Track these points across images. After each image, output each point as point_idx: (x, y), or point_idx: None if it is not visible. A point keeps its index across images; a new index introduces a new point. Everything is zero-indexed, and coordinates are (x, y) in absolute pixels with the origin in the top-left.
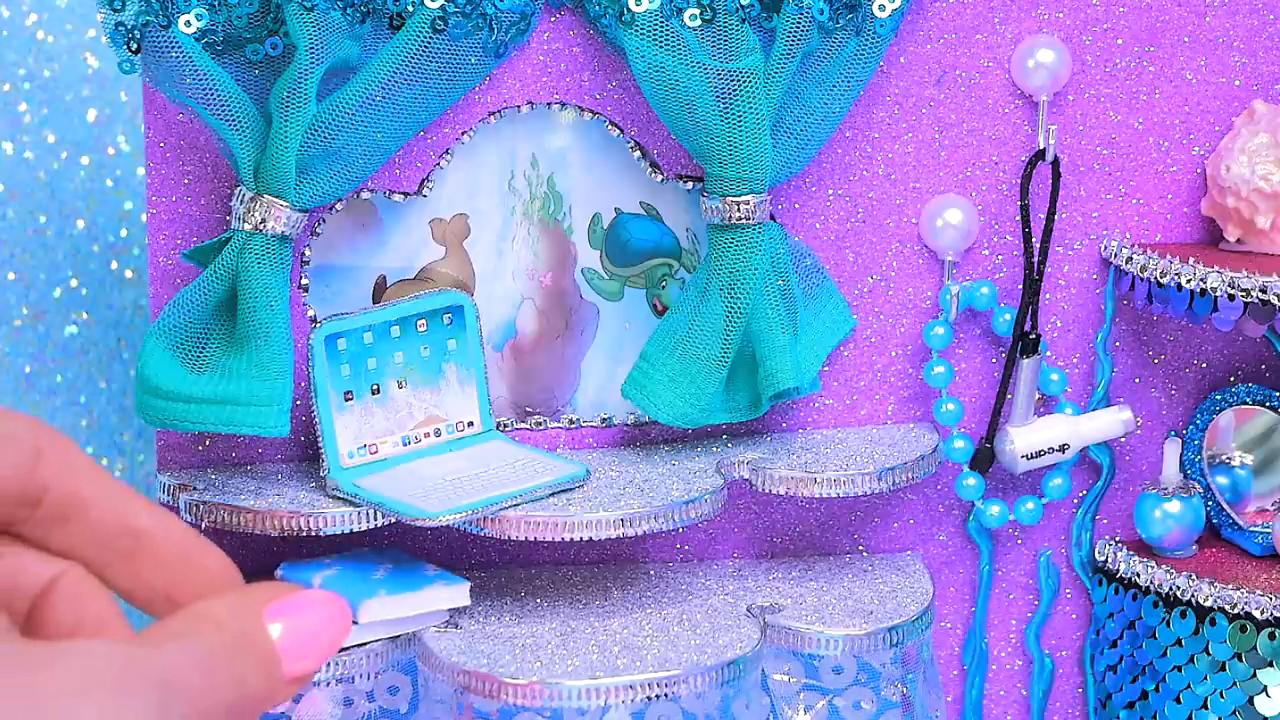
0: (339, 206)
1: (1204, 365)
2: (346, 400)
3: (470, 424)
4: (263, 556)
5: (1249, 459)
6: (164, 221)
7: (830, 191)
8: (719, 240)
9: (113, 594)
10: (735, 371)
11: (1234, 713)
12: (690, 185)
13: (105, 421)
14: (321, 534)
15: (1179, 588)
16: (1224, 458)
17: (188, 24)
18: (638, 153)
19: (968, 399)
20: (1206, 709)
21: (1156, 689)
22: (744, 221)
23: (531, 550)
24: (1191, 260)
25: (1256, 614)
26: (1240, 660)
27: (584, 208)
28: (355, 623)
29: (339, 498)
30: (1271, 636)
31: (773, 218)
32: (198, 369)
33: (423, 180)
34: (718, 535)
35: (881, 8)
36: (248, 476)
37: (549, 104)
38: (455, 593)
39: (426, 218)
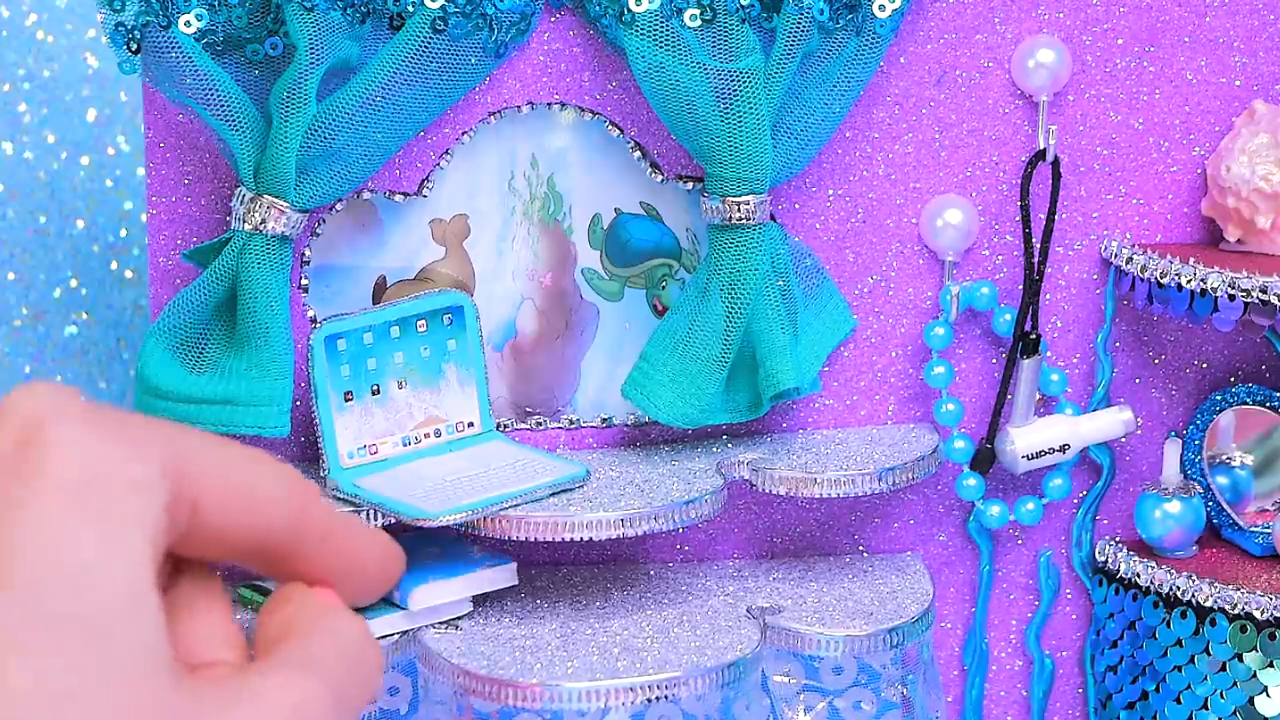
0: (339, 206)
1: (1204, 365)
2: (346, 401)
3: (470, 424)
4: None
5: (1249, 459)
6: (164, 221)
7: (830, 191)
8: (719, 240)
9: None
10: (735, 372)
11: (1234, 713)
12: (690, 185)
13: None
14: None
15: (1179, 588)
16: (1224, 458)
17: (188, 24)
18: (638, 153)
19: (968, 399)
20: (1207, 709)
21: (1157, 689)
22: (744, 222)
23: (531, 550)
24: (1192, 260)
25: (1257, 614)
26: (1240, 660)
27: (584, 208)
28: (405, 608)
29: (339, 498)
30: (1272, 636)
31: (773, 218)
32: (198, 369)
33: (423, 180)
34: (718, 536)
35: (881, 8)
36: None
37: (549, 104)
38: (503, 574)
39: (426, 218)
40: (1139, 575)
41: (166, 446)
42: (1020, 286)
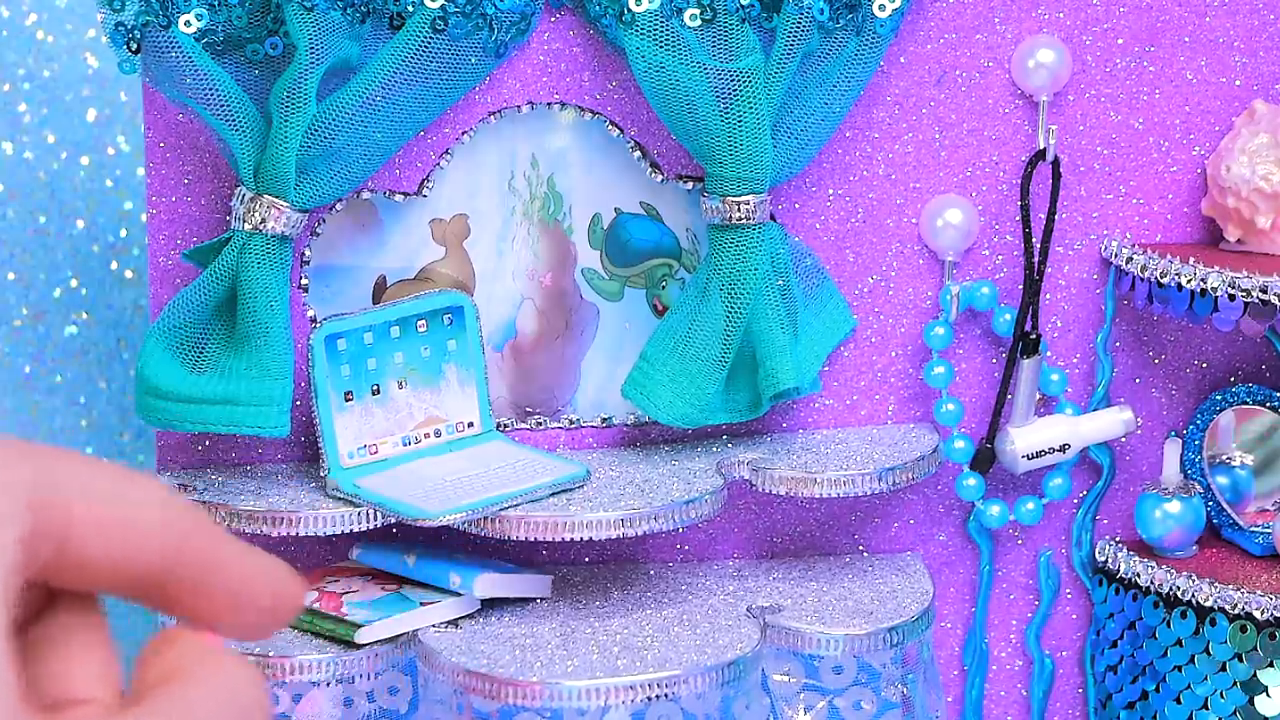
0: (339, 206)
1: (1204, 365)
2: (346, 400)
3: (470, 424)
4: None
5: (1249, 459)
6: (164, 221)
7: (830, 191)
8: (719, 240)
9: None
10: (735, 372)
11: (1234, 713)
12: (690, 185)
13: (105, 422)
14: (321, 534)
15: (1179, 588)
16: (1224, 458)
17: (188, 24)
18: (638, 153)
19: (968, 399)
20: (1207, 709)
21: (1157, 689)
22: (744, 221)
23: (531, 550)
24: (1191, 260)
25: (1256, 614)
26: (1240, 660)
27: (584, 208)
28: (461, 595)
29: (339, 498)
30: (1272, 636)
31: (773, 218)
32: (198, 369)
33: (423, 180)
34: (718, 535)
35: (881, 8)
36: (248, 476)
37: (549, 104)
38: (542, 583)
39: (426, 218)
40: (1139, 575)
41: (33, 474)
42: (1020, 286)
